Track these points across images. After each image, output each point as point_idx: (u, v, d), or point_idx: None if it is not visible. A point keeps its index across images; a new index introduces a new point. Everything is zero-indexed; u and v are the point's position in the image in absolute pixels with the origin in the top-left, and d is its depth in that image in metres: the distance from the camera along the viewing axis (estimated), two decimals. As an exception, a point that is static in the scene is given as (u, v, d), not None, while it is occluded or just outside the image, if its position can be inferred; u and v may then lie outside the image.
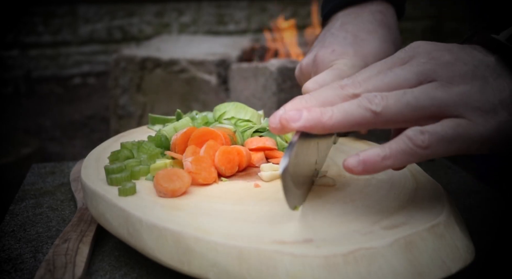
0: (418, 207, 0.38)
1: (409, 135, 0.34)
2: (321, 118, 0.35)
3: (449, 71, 0.35)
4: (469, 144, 0.34)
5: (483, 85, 0.35)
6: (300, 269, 0.32)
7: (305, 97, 0.37)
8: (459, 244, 0.35)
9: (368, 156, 0.34)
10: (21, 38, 2.78)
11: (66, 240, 0.42)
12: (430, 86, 0.35)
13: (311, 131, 0.35)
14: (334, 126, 0.35)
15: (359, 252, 0.32)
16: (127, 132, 0.59)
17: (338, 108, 0.35)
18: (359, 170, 0.34)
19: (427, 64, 0.36)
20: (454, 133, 0.34)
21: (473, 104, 0.34)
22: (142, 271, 0.40)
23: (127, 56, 1.52)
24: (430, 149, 0.34)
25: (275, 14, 3.14)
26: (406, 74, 0.36)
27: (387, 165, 0.34)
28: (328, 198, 0.41)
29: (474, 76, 0.35)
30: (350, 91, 0.37)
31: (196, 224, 0.36)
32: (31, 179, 0.61)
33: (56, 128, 2.32)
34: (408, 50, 0.38)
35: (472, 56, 0.36)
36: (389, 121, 0.35)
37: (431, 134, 0.33)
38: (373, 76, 0.37)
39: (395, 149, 0.34)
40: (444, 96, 0.34)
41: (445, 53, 0.36)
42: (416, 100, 0.34)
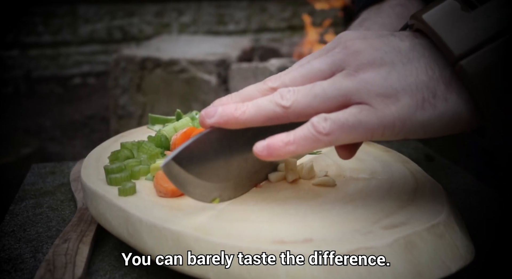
0: (418, 207, 0.39)
1: (313, 121, 0.35)
2: (234, 113, 0.36)
3: (357, 59, 0.36)
4: (370, 131, 0.35)
5: (389, 71, 0.35)
6: (300, 269, 0.32)
7: (233, 94, 0.39)
8: (459, 244, 0.35)
9: (272, 142, 0.35)
10: (21, 38, 2.79)
11: (66, 240, 0.42)
12: (339, 75, 0.36)
13: (226, 126, 0.37)
14: (247, 121, 0.36)
15: (359, 252, 0.32)
16: (127, 132, 0.59)
17: (253, 103, 0.37)
18: (264, 154, 0.35)
19: (339, 54, 0.37)
20: (355, 120, 0.34)
21: (375, 91, 0.35)
22: (142, 271, 0.40)
23: (127, 56, 1.52)
24: (332, 136, 0.34)
25: (275, 14, 3.15)
26: (320, 65, 0.37)
27: (291, 151, 0.35)
28: (328, 198, 0.41)
29: (381, 62, 0.36)
30: (269, 85, 0.38)
31: (196, 224, 0.36)
32: (31, 179, 0.61)
33: (56, 128, 2.32)
34: (333, 41, 0.39)
35: (386, 42, 0.37)
36: (301, 114, 0.36)
37: (333, 121, 0.34)
38: (294, 69, 0.39)
39: (299, 135, 0.35)
40: (349, 84, 0.35)
41: (359, 42, 0.37)
42: (324, 91, 0.35)
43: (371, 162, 0.49)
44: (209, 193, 0.39)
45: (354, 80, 0.35)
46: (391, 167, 0.47)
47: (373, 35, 0.38)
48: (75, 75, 2.92)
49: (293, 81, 0.38)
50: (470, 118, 0.35)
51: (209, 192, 0.39)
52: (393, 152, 0.52)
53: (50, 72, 2.86)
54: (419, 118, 0.35)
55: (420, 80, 0.35)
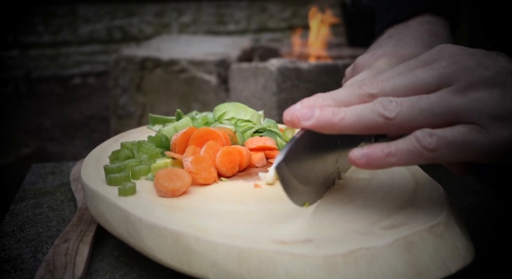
0: (418, 207, 0.38)
1: (417, 135, 0.33)
2: (332, 119, 0.34)
3: (469, 76, 0.35)
4: (478, 152, 0.34)
5: (502, 93, 0.34)
6: (300, 269, 0.32)
7: (324, 95, 0.37)
8: (459, 244, 0.35)
9: (372, 151, 0.34)
10: (21, 38, 2.78)
11: (66, 240, 0.42)
12: (447, 91, 0.34)
13: (321, 131, 0.35)
14: (345, 128, 0.35)
15: (359, 252, 0.32)
16: (127, 132, 0.59)
17: (352, 110, 0.35)
18: (362, 163, 0.34)
19: (447, 68, 0.35)
20: (464, 139, 0.33)
21: (488, 112, 0.33)
22: (142, 271, 0.40)
23: (127, 56, 1.52)
24: (437, 153, 0.33)
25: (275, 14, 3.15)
26: (426, 77, 0.36)
27: (391, 162, 0.34)
28: (328, 198, 0.41)
29: (494, 82, 0.34)
30: (367, 91, 0.36)
31: (196, 224, 0.36)
32: (31, 179, 0.61)
33: (56, 128, 2.32)
34: (432, 52, 0.38)
35: (496, 62, 0.36)
36: (403, 127, 0.34)
37: (439, 137, 0.33)
38: (394, 76, 0.37)
39: (401, 147, 0.33)
40: (460, 102, 0.34)
41: (467, 58, 0.36)
42: (431, 106, 0.34)
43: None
44: (302, 196, 0.37)
45: (465, 98, 0.34)
46: (391, 168, 0.47)
47: (479, 52, 0.36)
48: (75, 75, 2.92)
49: (394, 90, 0.36)
50: None
51: (303, 195, 0.37)
52: (393, 152, 0.52)
53: (50, 72, 2.86)
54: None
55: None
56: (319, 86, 1.33)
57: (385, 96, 0.35)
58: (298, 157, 0.36)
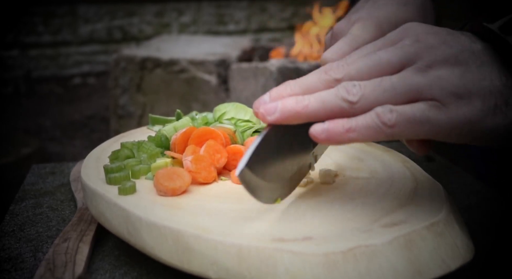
0: (418, 206, 0.39)
1: (377, 111, 0.33)
2: (295, 107, 0.35)
3: (431, 55, 0.35)
4: (437, 129, 0.34)
5: (463, 71, 0.34)
6: (300, 267, 0.32)
7: (291, 82, 0.37)
8: (458, 243, 0.36)
9: (333, 126, 0.34)
10: (21, 38, 2.78)
11: (66, 239, 0.42)
12: (409, 70, 0.35)
13: (288, 122, 0.35)
14: (310, 115, 0.35)
15: (359, 249, 0.32)
16: (127, 132, 0.59)
17: (315, 96, 0.35)
18: (323, 138, 0.34)
19: (411, 47, 0.36)
20: (423, 116, 0.33)
21: (448, 89, 0.34)
22: (142, 270, 0.40)
23: (127, 56, 1.52)
24: (396, 128, 0.33)
25: (275, 14, 3.15)
26: (389, 56, 0.36)
27: (351, 138, 0.34)
28: (328, 196, 0.41)
29: (456, 60, 0.34)
30: (333, 76, 0.36)
31: (196, 222, 0.36)
32: (31, 179, 0.61)
33: (56, 128, 2.32)
34: (398, 31, 0.38)
35: (459, 41, 0.36)
36: (367, 109, 0.34)
37: (399, 113, 0.33)
38: (358, 59, 0.37)
39: (362, 123, 0.33)
40: (421, 81, 0.34)
41: (431, 36, 0.36)
42: (393, 87, 0.34)
43: (370, 161, 0.49)
44: (273, 194, 0.38)
45: (426, 76, 0.34)
46: (391, 166, 0.48)
47: (443, 31, 0.37)
48: (75, 75, 2.92)
49: (359, 73, 0.36)
50: None
51: (273, 192, 0.38)
52: (393, 152, 0.52)
53: (50, 72, 2.86)
54: (488, 124, 0.34)
55: (494, 85, 0.34)
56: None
57: (351, 80, 0.36)
58: (264, 157, 0.36)
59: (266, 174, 0.36)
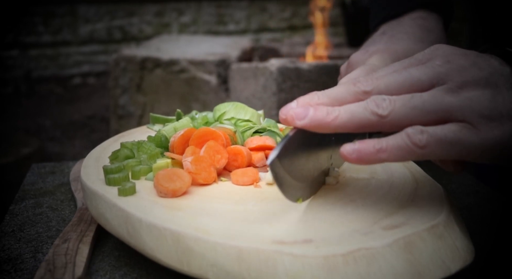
0: (418, 207, 0.38)
1: (408, 132, 0.34)
2: (326, 118, 0.35)
3: (462, 76, 0.35)
4: (468, 151, 0.34)
5: (494, 93, 0.34)
6: (300, 269, 0.32)
7: (319, 93, 0.37)
8: (458, 244, 0.35)
9: (364, 147, 0.34)
10: (21, 38, 2.78)
11: (66, 240, 0.42)
12: (440, 90, 0.35)
13: (316, 130, 0.35)
14: (339, 127, 0.35)
15: (359, 252, 0.32)
16: (127, 132, 0.59)
17: (345, 109, 0.35)
18: (353, 158, 0.34)
19: (441, 67, 0.36)
20: (454, 137, 0.33)
21: (480, 111, 0.34)
22: (142, 271, 0.40)
23: (127, 56, 1.52)
24: (427, 149, 0.33)
25: (275, 14, 3.15)
26: (420, 75, 0.36)
27: (382, 158, 0.34)
28: (328, 198, 0.41)
29: (487, 83, 0.35)
30: (361, 88, 0.36)
31: (196, 224, 0.36)
32: (31, 179, 0.61)
33: (56, 128, 2.32)
34: (427, 52, 0.38)
35: (489, 63, 0.36)
36: (396, 125, 0.35)
37: (430, 135, 0.33)
38: (388, 74, 0.37)
39: (392, 144, 0.34)
40: (452, 101, 0.34)
41: (461, 58, 0.36)
42: (423, 104, 0.34)
43: (371, 162, 0.49)
44: (296, 192, 0.38)
45: (457, 97, 0.34)
46: (391, 167, 0.47)
47: (473, 53, 0.37)
48: (75, 75, 2.92)
49: (388, 87, 0.36)
50: None
51: (296, 191, 0.38)
52: (393, 152, 0.52)
53: (50, 72, 2.86)
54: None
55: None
56: (319, 86, 1.33)
57: (379, 94, 0.36)
58: (292, 153, 0.36)
59: (292, 171, 0.37)
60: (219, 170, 0.46)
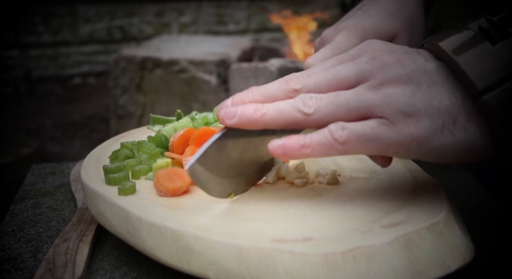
0: (418, 206, 0.39)
1: (330, 128, 0.35)
2: (253, 115, 0.36)
3: (385, 73, 0.36)
4: (386, 146, 0.35)
5: (414, 90, 0.35)
6: (300, 268, 0.32)
7: (254, 89, 0.39)
8: (458, 243, 0.36)
9: (289, 142, 0.35)
10: (21, 38, 2.78)
11: (66, 239, 0.42)
12: (363, 87, 0.36)
13: (246, 127, 0.37)
14: (267, 124, 0.37)
15: (359, 250, 0.32)
16: (127, 132, 0.59)
17: (274, 106, 0.37)
18: (279, 153, 0.35)
19: (367, 64, 0.37)
20: (373, 133, 0.35)
21: (398, 107, 0.35)
22: (142, 270, 0.40)
23: (127, 56, 1.52)
24: (347, 145, 0.35)
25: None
26: (347, 72, 0.37)
27: (305, 153, 0.35)
28: (328, 196, 0.41)
29: (408, 80, 0.36)
30: (292, 86, 0.38)
31: (196, 222, 0.36)
32: (31, 179, 0.61)
33: (56, 128, 2.32)
34: (359, 48, 0.39)
35: (413, 60, 0.37)
36: (321, 122, 0.36)
37: (350, 131, 0.35)
38: (318, 72, 0.38)
39: (316, 139, 0.35)
40: (373, 98, 0.35)
41: (387, 54, 0.37)
42: (347, 102, 0.36)
43: (370, 161, 0.49)
44: (226, 189, 0.40)
45: (378, 94, 0.36)
46: (390, 166, 0.47)
47: (400, 49, 0.38)
48: (75, 75, 2.92)
49: (317, 85, 0.37)
50: (484, 149, 0.35)
51: (226, 188, 0.40)
52: (392, 152, 0.52)
53: (50, 72, 2.86)
54: (436, 142, 0.35)
55: (443, 105, 0.35)
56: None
57: (309, 91, 0.37)
58: (217, 154, 0.38)
59: (221, 170, 0.39)
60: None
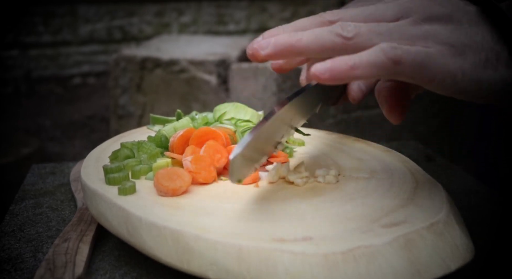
0: (418, 206, 0.39)
1: (383, 47, 0.33)
2: (289, 40, 0.35)
3: (426, 11, 0.36)
4: (434, 73, 0.34)
5: (456, 28, 0.35)
6: (300, 268, 0.32)
7: (285, 25, 0.38)
8: (458, 243, 0.36)
9: (336, 64, 0.33)
10: (21, 38, 2.78)
11: (66, 239, 0.42)
12: (405, 21, 0.35)
13: (282, 57, 0.35)
14: (303, 49, 0.35)
15: (359, 250, 0.32)
16: (127, 132, 0.59)
17: (309, 32, 0.35)
18: (326, 77, 0.32)
19: (407, 2, 0.37)
20: (425, 57, 0.33)
21: (443, 40, 0.34)
22: (142, 270, 0.40)
23: (127, 56, 1.52)
24: (401, 66, 0.33)
25: (275, 14, 3.15)
26: (386, 9, 0.37)
27: (355, 75, 0.33)
28: (328, 196, 0.41)
29: (449, 19, 0.36)
30: (327, 18, 0.37)
31: (196, 222, 0.36)
32: (31, 179, 0.61)
33: (56, 128, 2.32)
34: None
35: (453, 2, 0.37)
36: (360, 48, 0.34)
37: (404, 51, 0.33)
38: (355, 8, 0.38)
39: (366, 59, 0.33)
40: (416, 31, 0.35)
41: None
42: (389, 32, 0.34)
43: (370, 161, 0.49)
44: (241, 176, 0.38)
45: (421, 28, 0.35)
46: (390, 166, 0.47)
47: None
48: (75, 75, 2.92)
49: (353, 18, 0.36)
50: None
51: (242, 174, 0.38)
52: (393, 152, 0.52)
53: (50, 72, 2.86)
54: (479, 75, 0.34)
55: (486, 41, 0.35)
56: (319, 86, 1.33)
57: None
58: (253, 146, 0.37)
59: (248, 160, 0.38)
60: (219, 169, 0.46)
